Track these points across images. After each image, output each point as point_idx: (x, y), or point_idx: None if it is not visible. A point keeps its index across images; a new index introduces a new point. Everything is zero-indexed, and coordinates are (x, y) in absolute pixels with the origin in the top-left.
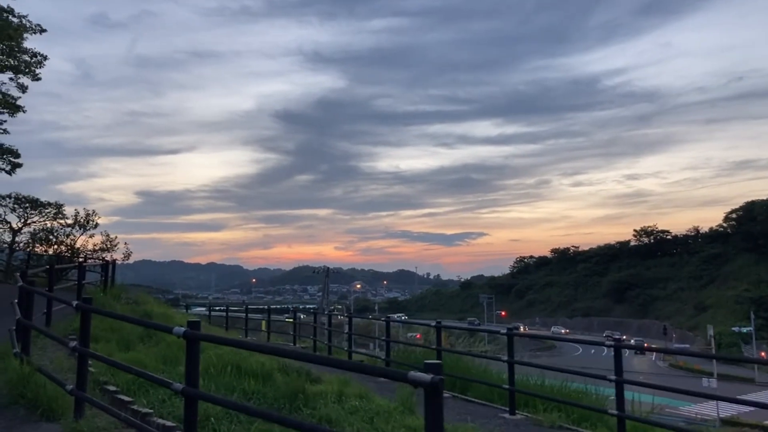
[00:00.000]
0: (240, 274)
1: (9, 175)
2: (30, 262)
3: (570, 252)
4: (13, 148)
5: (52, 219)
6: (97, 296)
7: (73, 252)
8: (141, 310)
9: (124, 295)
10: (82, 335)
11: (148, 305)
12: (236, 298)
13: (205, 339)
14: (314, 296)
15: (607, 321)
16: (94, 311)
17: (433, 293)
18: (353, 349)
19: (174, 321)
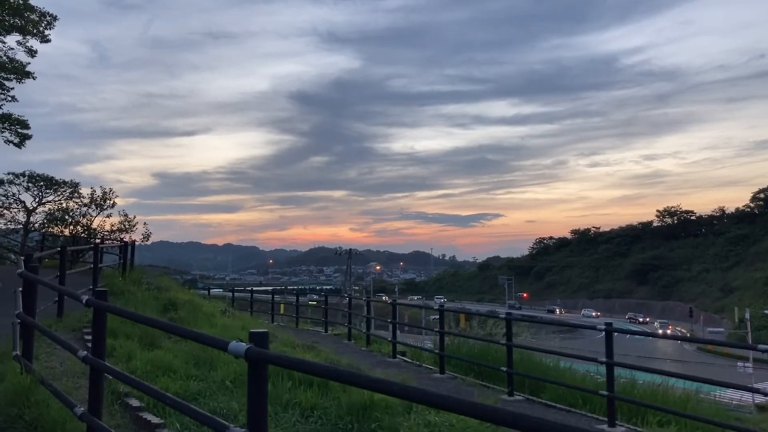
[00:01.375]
0: (256, 255)
1: (18, 148)
2: (45, 243)
3: (591, 233)
4: (23, 118)
5: (67, 198)
6: (115, 281)
7: (90, 233)
8: (165, 297)
9: (144, 279)
10: (95, 342)
11: (172, 291)
12: (253, 279)
13: (279, 363)
14: (330, 277)
15: (629, 303)
16: (111, 310)
17: (450, 275)
18: (396, 339)
19: (202, 311)
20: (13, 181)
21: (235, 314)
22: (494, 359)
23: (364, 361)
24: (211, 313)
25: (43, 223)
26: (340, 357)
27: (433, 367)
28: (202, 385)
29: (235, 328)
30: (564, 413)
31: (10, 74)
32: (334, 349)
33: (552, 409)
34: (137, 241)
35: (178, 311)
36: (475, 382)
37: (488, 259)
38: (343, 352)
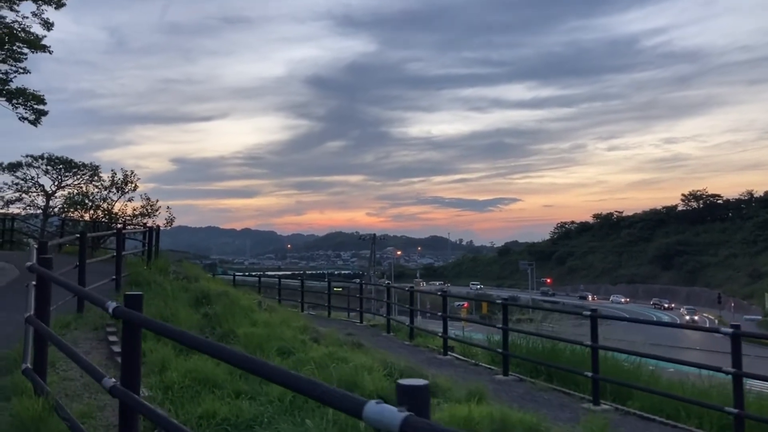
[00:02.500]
0: (274, 239)
1: (34, 126)
2: (65, 229)
3: (613, 217)
4: (38, 93)
5: (87, 182)
6: (140, 269)
7: (111, 217)
8: (195, 288)
9: (171, 268)
10: (126, 368)
11: (202, 281)
12: (271, 264)
13: None
14: (348, 262)
15: (653, 288)
16: (148, 325)
17: (470, 259)
18: (447, 334)
19: (239, 305)
20: (31, 164)
21: (269, 305)
22: (567, 360)
23: (412, 358)
24: (249, 307)
25: (63, 207)
26: (394, 357)
27: (492, 367)
28: (257, 406)
29: (279, 325)
30: (672, 429)
31: (23, 45)
32: (374, 343)
33: (652, 422)
34: (161, 226)
35: (212, 305)
36: (546, 387)
37: (507, 244)
38: (388, 348)
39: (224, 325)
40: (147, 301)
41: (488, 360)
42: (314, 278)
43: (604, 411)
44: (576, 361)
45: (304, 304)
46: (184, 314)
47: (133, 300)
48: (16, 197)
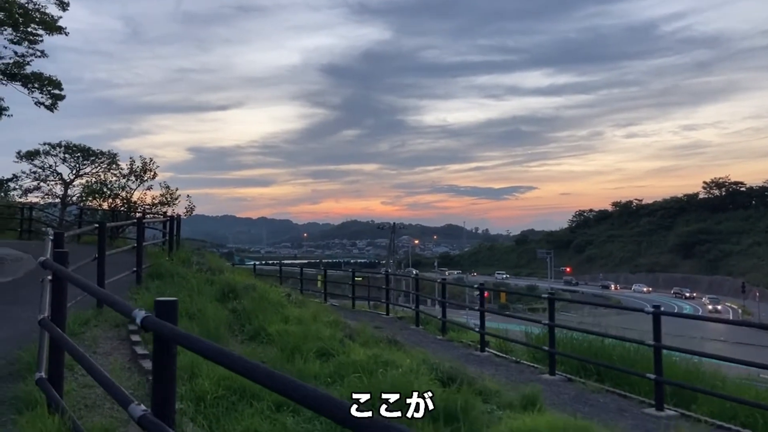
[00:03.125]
0: (290, 228)
1: (50, 111)
2: (83, 218)
3: (633, 205)
4: (54, 78)
5: (105, 170)
6: (161, 260)
7: (130, 206)
8: (221, 281)
9: (193, 258)
10: (158, 395)
11: (227, 273)
12: (287, 252)
13: None
14: (363, 250)
15: (674, 277)
16: (187, 343)
17: (487, 248)
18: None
19: (268, 299)
20: (49, 152)
21: (297, 298)
22: (620, 359)
23: (447, 354)
24: (278, 301)
25: (81, 196)
26: (435, 357)
27: (536, 365)
28: (302, 422)
29: (311, 321)
30: None
31: (39, 26)
32: (405, 338)
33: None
34: (180, 215)
35: (240, 300)
36: (598, 388)
37: (524, 233)
38: (421, 344)
39: (254, 322)
40: (171, 295)
41: (529, 357)
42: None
43: (669, 417)
44: (629, 360)
45: (326, 294)
46: (212, 310)
47: (165, 308)
48: (34, 186)
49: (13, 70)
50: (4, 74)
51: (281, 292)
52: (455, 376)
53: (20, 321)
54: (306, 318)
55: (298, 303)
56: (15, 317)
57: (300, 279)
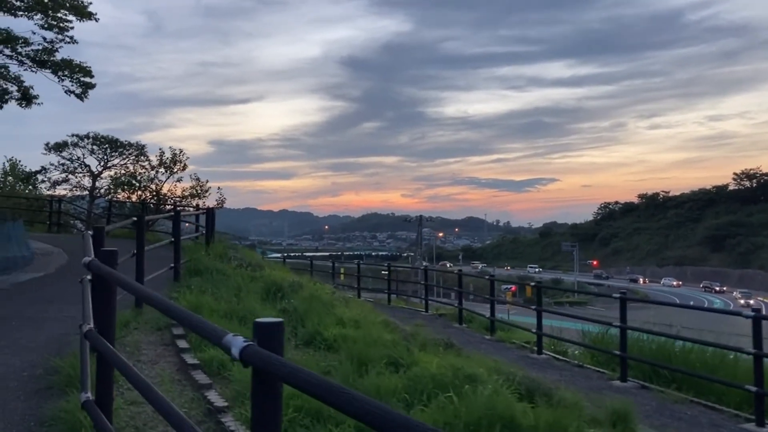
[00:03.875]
0: (310, 221)
1: (80, 100)
2: (112, 211)
3: (659, 197)
4: (85, 65)
5: (134, 162)
6: (199, 256)
7: (159, 198)
8: (263, 277)
9: (231, 253)
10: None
11: (267, 269)
12: (309, 245)
13: None
14: (384, 243)
15: (703, 270)
16: (305, 384)
17: (510, 241)
18: (541, 330)
19: (318, 298)
20: (77, 143)
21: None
22: (703, 366)
23: (502, 357)
24: (329, 301)
25: (109, 188)
26: (504, 364)
27: (602, 370)
28: None
29: (366, 323)
30: None
31: (69, 12)
32: (454, 338)
33: None
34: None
35: (287, 299)
36: (681, 398)
37: (546, 225)
38: (470, 344)
39: (308, 324)
40: (215, 294)
41: (591, 360)
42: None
43: None
44: (710, 366)
45: (359, 290)
46: (261, 311)
47: (269, 333)
48: (63, 178)
49: (42, 56)
50: (33, 61)
51: (327, 289)
52: (533, 388)
53: (57, 322)
54: (360, 319)
55: (345, 301)
56: (51, 318)
57: (332, 273)
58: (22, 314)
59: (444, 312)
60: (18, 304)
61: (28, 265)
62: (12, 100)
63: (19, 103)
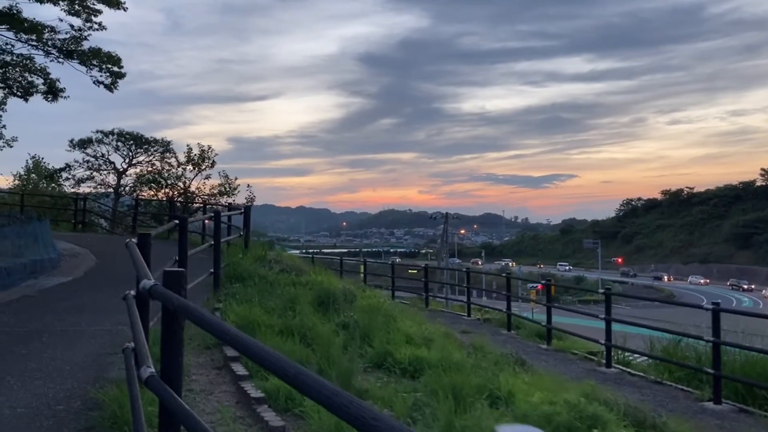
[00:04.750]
0: (328, 217)
1: (110, 91)
2: (138, 209)
3: (683, 193)
4: (113, 54)
5: (159, 158)
6: (237, 259)
7: (187, 196)
8: (311, 284)
9: (271, 256)
10: None
11: (312, 274)
12: (326, 241)
13: None
14: (401, 239)
15: (729, 268)
16: None
17: (530, 237)
18: (610, 341)
19: (380, 310)
20: (102, 140)
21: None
22: None
23: (569, 372)
24: (390, 313)
25: (134, 185)
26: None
27: (686, 388)
28: None
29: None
30: None
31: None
32: (513, 349)
33: None
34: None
35: (342, 309)
36: None
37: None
38: (526, 355)
39: (375, 343)
40: (263, 305)
41: (668, 376)
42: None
43: None
44: None
45: (394, 291)
46: (320, 326)
47: None
48: (87, 176)
49: (70, 46)
50: (60, 51)
51: (379, 295)
52: (640, 419)
53: (91, 338)
54: (429, 335)
55: (399, 309)
56: (85, 332)
57: (363, 273)
58: (52, 327)
59: (488, 317)
60: (47, 314)
61: (55, 268)
62: (37, 94)
63: (45, 97)
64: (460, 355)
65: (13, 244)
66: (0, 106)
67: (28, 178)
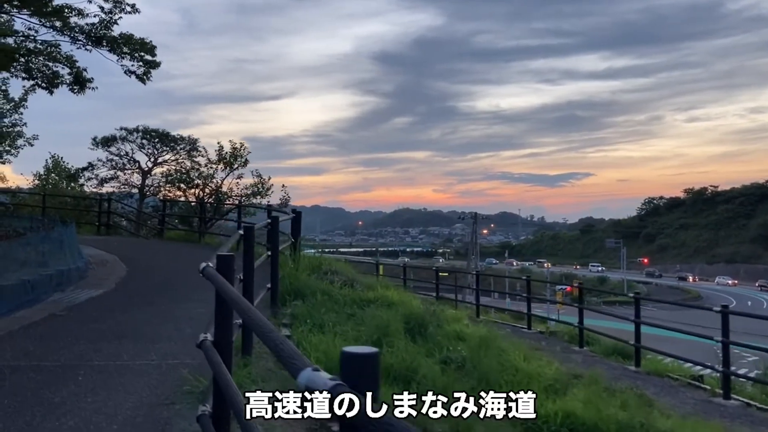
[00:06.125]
0: (342, 216)
1: (142, 82)
2: (166, 211)
3: (707, 192)
4: (147, 42)
5: (186, 156)
6: (288, 270)
7: (219, 197)
8: (383, 300)
9: (326, 267)
10: None
11: (379, 287)
12: (341, 240)
13: None
14: (416, 238)
15: (757, 268)
16: None
17: (549, 237)
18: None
19: (488, 341)
20: (126, 138)
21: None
22: None
23: (676, 405)
24: (495, 342)
25: (159, 185)
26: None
27: None
28: None
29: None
30: None
31: None
32: (584, 367)
33: None
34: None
35: (441, 339)
36: None
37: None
38: (617, 378)
39: (493, 386)
40: (338, 330)
41: None
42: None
43: None
44: None
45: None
46: (423, 365)
47: None
48: (111, 175)
49: (100, 31)
50: (88, 37)
51: (463, 316)
52: None
53: (138, 376)
54: (555, 374)
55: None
56: (130, 369)
57: (403, 279)
58: (88, 360)
59: (553, 330)
60: (80, 341)
61: (83, 278)
62: (63, 85)
63: (71, 88)
64: (613, 408)
65: (37, 251)
66: (21, 102)
67: (47, 177)
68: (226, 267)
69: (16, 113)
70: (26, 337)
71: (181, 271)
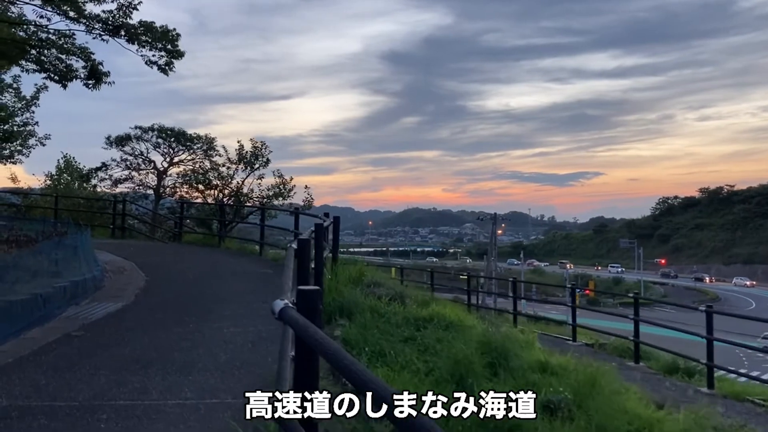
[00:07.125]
0: (351, 216)
1: (164, 74)
2: (183, 213)
3: (723, 191)
4: (170, 31)
5: (203, 156)
6: (326, 282)
7: (239, 198)
8: (440, 318)
9: (366, 277)
10: None
11: (432, 303)
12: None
13: None
14: (425, 238)
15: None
16: None
17: (562, 237)
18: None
19: (595, 378)
20: (140, 136)
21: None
22: None
23: None
24: (599, 379)
25: (175, 186)
26: None
27: None
28: None
29: None
30: None
31: None
32: (651, 389)
33: None
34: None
35: (514, 368)
36: None
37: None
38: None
39: None
40: (406, 364)
41: None
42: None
43: None
44: None
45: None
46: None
47: None
48: (125, 176)
49: (118, 19)
50: (105, 26)
51: (534, 340)
52: None
53: (174, 427)
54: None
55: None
56: (162, 412)
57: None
58: (111, 399)
59: (602, 341)
60: (100, 371)
61: (99, 289)
62: (77, 79)
63: (85, 83)
64: None
65: (50, 259)
66: (32, 100)
67: (59, 178)
68: (312, 308)
69: (27, 112)
70: (37, 366)
71: (205, 280)
